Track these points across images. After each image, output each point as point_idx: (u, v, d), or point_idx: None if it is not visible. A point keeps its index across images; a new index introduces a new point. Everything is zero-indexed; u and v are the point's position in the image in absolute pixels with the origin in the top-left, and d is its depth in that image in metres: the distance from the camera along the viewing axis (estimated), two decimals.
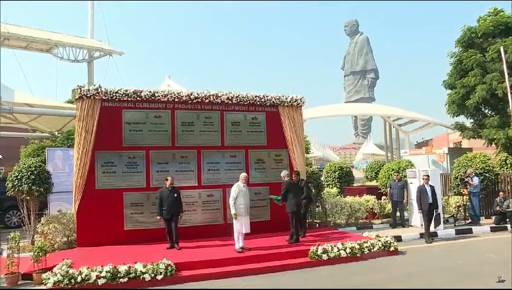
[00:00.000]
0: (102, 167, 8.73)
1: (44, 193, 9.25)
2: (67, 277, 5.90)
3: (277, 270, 6.86)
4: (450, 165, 18.25)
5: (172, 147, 9.33)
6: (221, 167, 9.66)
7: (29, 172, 8.94)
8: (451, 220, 11.18)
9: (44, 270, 6.40)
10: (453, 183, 12.68)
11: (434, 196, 9.39)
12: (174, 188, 8.31)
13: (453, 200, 11.77)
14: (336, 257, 7.32)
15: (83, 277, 5.94)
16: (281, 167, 10.07)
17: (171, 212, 8.08)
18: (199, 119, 9.64)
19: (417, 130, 24.49)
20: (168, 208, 8.07)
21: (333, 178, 15.46)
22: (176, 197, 8.21)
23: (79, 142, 8.52)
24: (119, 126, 8.94)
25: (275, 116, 10.24)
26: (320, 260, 7.22)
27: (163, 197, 8.15)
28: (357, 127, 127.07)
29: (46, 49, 21.17)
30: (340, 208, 11.18)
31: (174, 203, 8.13)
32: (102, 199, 8.54)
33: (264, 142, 10.16)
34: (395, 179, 11.27)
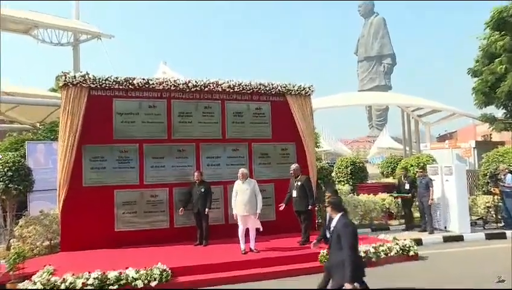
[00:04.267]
0: (91, 162, 8.73)
1: (24, 192, 9.19)
2: (49, 286, 5.83)
3: (283, 275, 6.87)
4: (477, 161, 18.12)
5: (169, 140, 9.33)
6: (222, 162, 9.67)
7: (7, 168, 8.86)
8: (480, 222, 11.05)
9: (21, 279, 6.23)
10: (482, 181, 12.56)
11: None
12: (203, 182, 8.69)
13: (481, 200, 11.63)
14: None
15: (67, 285, 5.88)
16: (287, 162, 10.05)
17: (197, 207, 8.51)
18: (198, 110, 9.63)
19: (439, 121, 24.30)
20: (194, 203, 8.52)
21: (345, 174, 15.35)
22: (202, 192, 8.50)
23: (64, 135, 8.49)
24: (109, 117, 8.93)
25: (281, 106, 10.21)
26: None
27: (192, 192, 8.68)
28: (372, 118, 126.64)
29: (24, 30, 20.71)
30: (353, 207, 11.15)
31: (199, 199, 8.49)
32: (90, 198, 8.56)
33: (269, 134, 10.15)
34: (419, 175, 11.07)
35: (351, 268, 4.04)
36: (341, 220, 4.42)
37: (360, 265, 4.33)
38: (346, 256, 4.10)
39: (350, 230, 4.26)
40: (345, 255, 4.12)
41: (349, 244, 4.16)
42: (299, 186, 8.54)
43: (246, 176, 8.06)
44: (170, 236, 8.82)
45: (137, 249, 8.22)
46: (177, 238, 8.74)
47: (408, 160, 13.91)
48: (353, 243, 4.19)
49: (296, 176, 8.69)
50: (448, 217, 10.45)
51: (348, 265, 4.06)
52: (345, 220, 4.41)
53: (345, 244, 4.17)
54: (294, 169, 8.73)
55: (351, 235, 4.22)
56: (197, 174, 8.81)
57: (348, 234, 4.23)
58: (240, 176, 8.02)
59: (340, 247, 4.23)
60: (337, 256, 4.26)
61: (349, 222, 4.42)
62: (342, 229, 4.32)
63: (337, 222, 4.43)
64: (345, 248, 4.16)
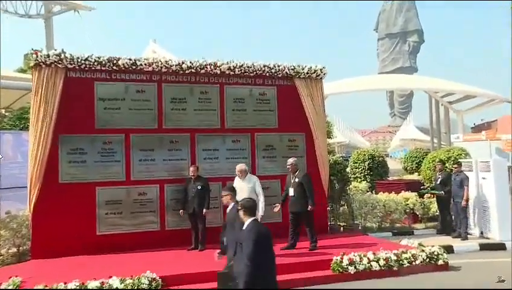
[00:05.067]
0: (69, 155, 8.74)
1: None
2: None
3: (288, 285, 6.86)
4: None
5: (159, 130, 9.34)
6: (220, 155, 9.69)
7: None
8: None
9: None
10: None
11: None
12: (199, 178, 8.73)
13: None
14: (365, 270, 7.32)
15: None
16: (296, 155, 10.00)
17: (192, 207, 8.55)
18: (193, 95, 9.62)
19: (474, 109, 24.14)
20: (189, 202, 8.59)
21: (362, 169, 15.42)
22: (199, 190, 8.54)
23: (36, 123, 8.44)
24: (90, 103, 8.92)
25: (288, 91, 10.19)
26: (345, 273, 7.23)
27: (186, 189, 8.75)
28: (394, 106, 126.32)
29: None
30: (371, 208, 11.15)
31: (195, 197, 8.53)
32: (67, 196, 8.56)
33: (274, 123, 10.15)
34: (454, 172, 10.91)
35: (245, 282, 4.16)
36: (249, 226, 4.52)
37: (260, 278, 4.31)
38: (244, 267, 4.21)
39: (250, 238, 4.33)
40: (243, 266, 4.24)
41: (248, 254, 4.23)
42: (297, 184, 8.52)
43: (245, 172, 8.04)
44: (161, 240, 8.84)
45: (123, 255, 8.25)
46: (169, 243, 8.76)
47: (436, 154, 13.83)
48: (253, 254, 4.23)
49: (293, 172, 8.68)
50: (485, 221, 10.34)
51: (244, 278, 4.17)
52: (252, 226, 4.50)
53: (244, 255, 4.28)
54: (292, 163, 8.71)
55: (251, 244, 4.27)
56: (192, 169, 8.83)
57: (249, 243, 4.30)
58: (238, 173, 8.00)
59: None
60: (240, 265, 4.34)
61: (256, 229, 4.46)
62: (244, 235, 4.45)
63: (246, 228, 4.53)
64: (244, 258, 4.27)
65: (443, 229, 10.94)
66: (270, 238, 4.53)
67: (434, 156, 13.67)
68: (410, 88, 41.21)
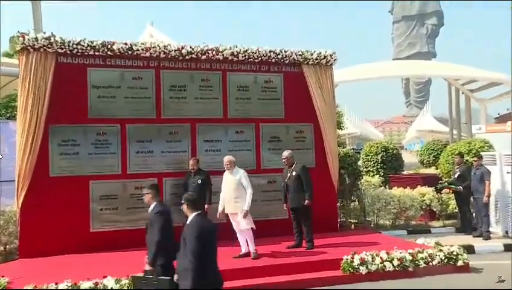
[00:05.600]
0: (60, 146, 8.78)
1: None
2: None
3: (298, 286, 6.94)
4: None
5: (158, 120, 9.37)
6: (223, 147, 9.70)
7: None
8: None
9: None
10: None
11: None
12: (200, 171, 8.79)
13: None
14: (378, 271, 7.35)
15: None
16: (303, 147, 10.11)
17: None
18: (194, 83, 9.63)
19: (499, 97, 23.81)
20: None
21: (375, 163, 15.41)
22: (199, 184, 8.58)
23: (25, 113, 8.46)
24: (82, 91, 8.94)
25: (296, 79, 10.19)
26: (356, 274, 7.27)
27: (186, 183, 8.79)
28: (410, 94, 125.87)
29: None
30: (385, 204, 11.18)
31: (195, 191, 8.38)
32: (59, 191, 8.61)
33: (281, 113, 10.16)
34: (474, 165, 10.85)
35: (192, 279, 4.32)
36: (192, 221, 4.71)
37: (206, 275, 4.48)
38: (189, 264, 4.38)
39: (193, 233, 4.50)
40: (188, 263, 4.40)
41: (192, 250, 4.40)
42: (294, 178, 8.55)
43: (233, 164, 8.07)
44: None
45: (119, 254, 8.31)
46: None
47: (456, 146, 13.77)
48: (197, 250, 4.40)
49: (289, 165, 8.71)
50: (510, 219, 10.30)
51: (190, 275, 4.34)
52: (195, 221, 4.68)
53: (188, 251, 4.44)
54: (287, 157, 8.72)
55: (195, 240, 4.44)
56: (192, 162, 8.87)
57: (192, 238, 4.47)
58: (227, 164, 8.04)
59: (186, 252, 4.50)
60: (184, 262, 4.50)
61: (199, 225, 4.63)
62: (187, 231, 4.61)
63: (189, 223, 4.73)
64: (187, 255, 4.44)
65: (463, 227, 10.94)
66: (214, 233, 4.76)
67: (453, 148, 13.61)
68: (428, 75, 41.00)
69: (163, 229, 5.25)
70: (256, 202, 9.64)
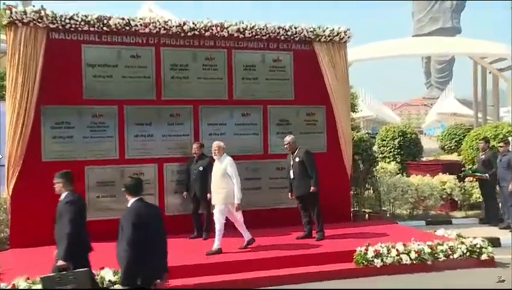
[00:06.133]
0: (53, 129, 8.82)
1: None
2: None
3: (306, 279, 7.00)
4: None
5: (158, 101, 9.39)
6: (228, 130, 9.75)
7: None
8: None
9: None
10: None
11: None
12: (203, 157, 8.80)
13: None
14: (394, 264, 7.38)
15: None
16: (314, 131, 10.15)
17: (193, 190, 8.74)
18: (196, 61, 9.62)
19: None
20: (191, 184, 8.78)
21: (391, 148, 15.43)
22: (201, 171, 8.63)
23: (14, 93, 8.44)
24: (77, 69, 8.96)
25: (306, 57, 10.14)
26: (370, 267, 7.31)
27: (188, 169, 8.94)
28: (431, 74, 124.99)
29: None
30: (402, 193, 11.19)
31: (197, 179, 8.65)
32: (52, 177, 8.58)
33: (290, 94, 10.16)
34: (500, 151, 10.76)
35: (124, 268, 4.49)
36: (130, 207, 4.79)
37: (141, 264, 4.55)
38: (123, 252, 4.49)
39: (128, 220, 4.60)
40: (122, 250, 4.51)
41: (126, 237, 4.51)
42: (298, 164, 8.57)
43: (222, 150, 8.01)
44: None
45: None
46: (169, 230, 8.78)
47: (481, 130, 13.68)
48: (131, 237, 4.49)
49: (292, 151, 8.73)
50: None
51: (123, 263, 4.49)
52: (133, 207, 4.77)
53: (123, 238, 4.55)
54: (289, 142, 8.73)
55: (129, 227, 4.54)
56: (194, 147, 8.90)
57: (127, 225, 4.58)
58: (215, 150, 7.99)
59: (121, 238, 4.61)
60: (120, 250, 4.60)
61: (135, 211, 4.70)
62: (123, 218, 4.70)
63: (127, 209, 4.81)
64: (123, 241, 4.55)
65: (487, 218, 10.94)
66: (155, 219, 4.84)
67: (478, 133, 13.52)
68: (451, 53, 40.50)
69: (73, 221, 5.21)
70: (262, 189, 9.78)
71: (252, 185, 9.74)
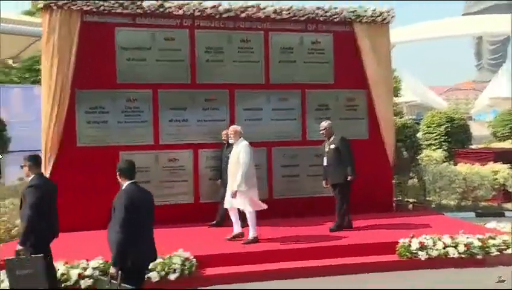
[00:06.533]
0: (87, 114, 9.01)
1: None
2: None
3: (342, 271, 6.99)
4: None
5: (192, 85, 9.48)
6: (264, 116, 9.78)
7: None
8: None
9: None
10: None
11: None
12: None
13: None
14: (440, 257, 7.27)
15: (58, 277, 6.07)
16: (355, 117, 10.10)
17: (225, 177, 8.61)
18: (232, 44, 9.65)
19: None
20: (222, 171, 8.70)
21: (437, 135, 15.22)
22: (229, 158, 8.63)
23: (49, 77, 8.67)
24: (110, 53, 9.11)
25: (347, 39, 10.06)
26: (414, 260, 7.24)
27: (221, 155, 8.93)
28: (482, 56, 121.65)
29: None
30: (449, 182, 11.03)
31: (227, 166, 8.52)
32: (87, 162, 8.86)
33: (329, 78, 10.10)
34: None
35: (116, 250, 4.55)
36: (124, 189, 4.82)
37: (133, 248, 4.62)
38: (115, 234, 4.55)
39: (122, 202, 4.60)
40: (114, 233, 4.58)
41: (119, 220, 4.53)
42: (333, 151, 8.52)
43: (238, 134, 7.97)
44: (194, 214, 9.07)
45: None
46: (204, 217, 8.98)
47: None
48: (124, 220, 4.52)
49: (328, 137, 8.67)
50: None
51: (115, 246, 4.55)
52: (126, 190, 4.78)
53: (116, 221, 4.58)
54: (326, 127, 8.66)
55: (122, 209, 4.55)
56: (224, 133, 8.85)
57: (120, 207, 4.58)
58: (231, 134, 8.00)
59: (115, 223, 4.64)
60: (111, 233, 4.69)
61: (129, 194, 4.72)
62: (116, 200, 4.72)
63: (120, 192, 4.82)
64: (115, 225, 4.58)
65: None
66: (149, 204, 4.95)
67: None
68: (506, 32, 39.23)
69: (35, 205, 5.22)
70: (300, 177, 9.77)
71: (289, 172, 9.81)
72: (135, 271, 4.76)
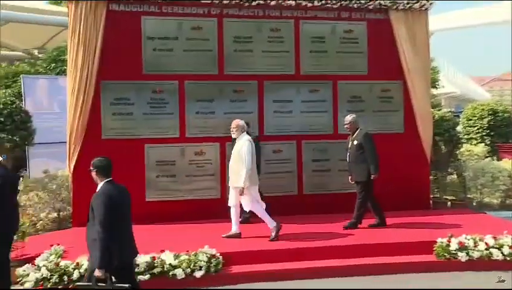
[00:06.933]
0: (112, 105, 9.08)
1: (21, 145, 9.56)
2: (58, 272, 6.08)
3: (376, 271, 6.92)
4: None
5: (220, 76, 9.47)
6: (294, 108, 9.73)
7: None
8: None
9: (21, 262, 6.42)
10: None
11: None
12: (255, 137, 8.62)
13: None
14: (482, 259, 7.10)
15: (82, 272, 6.07)
16: (390, 109, 9.98)
17: None
18: (261, 33, 9.62)
19: None
20: None
21: (479, 129, 14.92)
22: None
23: (74, 67, 8.76)
24: (136, 43, 9.16)
25: (382, 28, 9.94)
26: (453, 261, 7.10)
27: None
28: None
29: None
30: (491, 179, 10.80)
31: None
32: (111, 155, 8.66)
33: (363, 68, 10.01)
34: None
35: (100, 251, 4.56)
36: (101, 189, 4.90)
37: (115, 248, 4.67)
38: (97, 234, 4.59)
39: (101, 201, 4.71)
40: (96, 234, 4.62)
41: (99, 220, 4.62)
42: (355, 147, 8.41)
43: (240, 129, 7.85)
44: (221, 209, 8.94)
45: (176, 226, 8.59)
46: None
47: None
48: (105, 219, 4.61)
49: (353, 132, 8.56)
50: None
51: (98, 247, 4.57)
52: (103, 189, 4.88)
53: (96, 221, 4.65)
54: (351, 121, 8.54)
55: (102, 209, 4.66)
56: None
57: (99, 207, 4.68)
58: (234, 128, 7.87)
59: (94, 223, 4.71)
60: (92, 233, 4.72)
61: (107, 192, 4.82)
62: (94, 200, 4.81)
63: (98, 191, 4.92)
64: (96, 225, 4.64)
65: None
66: (126, 202, 5.05)
67: None
68: None
69: None
70: (331, 172, 9.70)
71: (320, 167, 9.75)
72: (123, 269, 4.85)
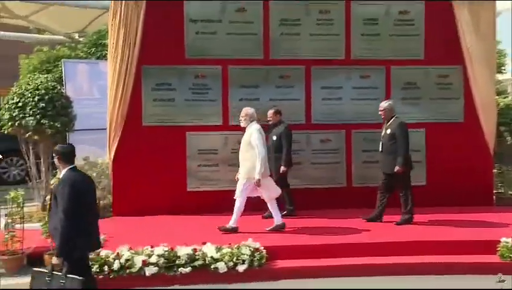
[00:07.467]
0: (153, 91, 9.18)
1: (62, 131, 9.68)
2: (98, 262, 6.21)
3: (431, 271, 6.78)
4: None
5: (265, 61, 9.45)
6: (344, 95, 9.65)
7: (37, 97, 9.22)
8: None
9: None
10: None
11: None
12: (279, 124, 8.68)
13: None
14: None
15: (122, 263, 6.24)
16: (448, 97, 9.75)
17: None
18: (309, 15, 9.54)
19: None
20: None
21: None
22: (275, 141, 8.59)
23: (115, 52, 8.92)
24: (178, 26, 9.21)
25: (441, 8, 9.71)
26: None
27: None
28: None
29: None
30: None
31: (272, 150, 8.51)
32: (152, 142, 9.08)
33: (419, 53, 9.81)
34: None
35: (60, 240, 4.69)
36: (64, 176, 4.95)
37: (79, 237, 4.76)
38: (59, 222, 4.69)
39: (64, 189, 4.76)
40: (58, 222, 4.73)
41: (63, 208, 4.69)
42: (388, 136, 8.25)
43: (249, 117, 7.86)
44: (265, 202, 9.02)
45: (219, 218, 8.51)
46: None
47: None
48: (68, 207, 4.68)
49: (387, 120, 8.39)
50: None
51: (59, 235, 4.70)
52: (67, 176, 4.92)
53: (59, 208, 4.74)
54: (386, 108, 8.37)
55: (66, 196, 4.71)
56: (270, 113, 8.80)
57: (62, 194, 4.74)
58: (243, 116, 7.90)
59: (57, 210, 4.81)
60: (54, 221, 4.82)
61: (71, 179, 4.87)
62: (57, 187, 4.90)
63: (61, 177, 4.98)
64: (58, 213, 4.74)
65: None
66: (90, 190, 5.14)
67: None
68: None
69: None
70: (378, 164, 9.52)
71: (369, 158, 9.58)
72: (81, 260, 4.95)
